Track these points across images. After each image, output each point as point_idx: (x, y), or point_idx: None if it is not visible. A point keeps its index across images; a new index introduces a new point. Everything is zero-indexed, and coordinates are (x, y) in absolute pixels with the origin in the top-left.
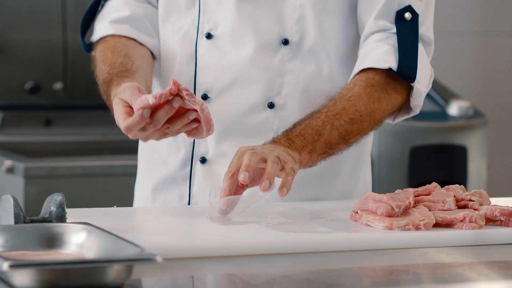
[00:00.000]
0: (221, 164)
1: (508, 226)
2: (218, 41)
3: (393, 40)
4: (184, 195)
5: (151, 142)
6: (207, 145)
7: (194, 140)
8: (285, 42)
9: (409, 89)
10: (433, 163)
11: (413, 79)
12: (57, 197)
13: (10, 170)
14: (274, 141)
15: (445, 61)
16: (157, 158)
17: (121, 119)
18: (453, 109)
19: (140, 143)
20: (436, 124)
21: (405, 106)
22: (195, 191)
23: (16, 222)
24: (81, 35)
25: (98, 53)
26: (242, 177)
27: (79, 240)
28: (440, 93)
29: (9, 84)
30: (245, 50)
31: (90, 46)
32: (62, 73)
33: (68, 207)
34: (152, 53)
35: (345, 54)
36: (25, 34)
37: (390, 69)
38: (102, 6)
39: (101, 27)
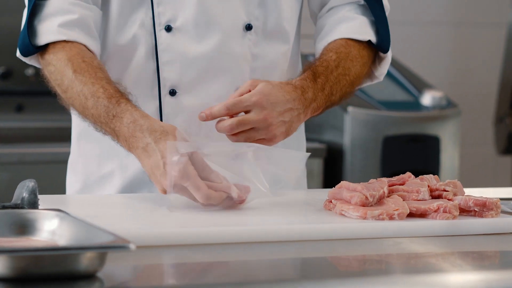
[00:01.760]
0: None
1: (482, 217)
2: (180, 33)
3: (363, 11)
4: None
5: (97, 143)
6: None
7: None
8: (249, 27)
9: (374, 57)
10: (406, 153)
11: (387, 50)
12: (29, 183)
13: None
14: (303, 88)
15: (419, 51)
16: (108, 161)
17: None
18: (427, 99)
19: (75, 144)
20: (409, 114)
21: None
22: None
23: None
24: (28, 37)
25: (62, 61)
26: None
27: (51, 227)
28: (414, 83)
29: None
30: (211, 41)
31: (32, 48)
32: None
33: (40, 193)
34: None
35: (296, 33)
36: None
37: (365, 42)
38: (39, 5)
39: (49, 31)
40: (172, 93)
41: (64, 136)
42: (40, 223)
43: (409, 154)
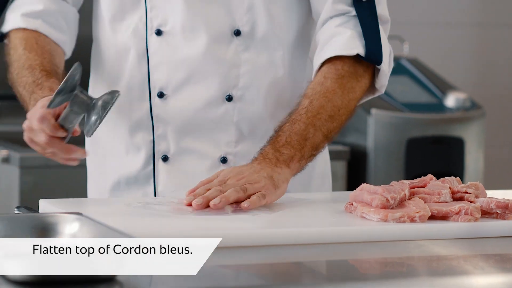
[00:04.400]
0: (183, 161)
1: (504, 219)
2: (168, 37)
3: (354, 23)
4: (148, 194)
5: (103, 143)
6: (167, 142)
7: (153, 138)
8: (237, 33)
9: (373, 70)
10: (430, 155)
11: (379, 61)
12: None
13: (6, 160)
14: (262, 155)
15: (442, 53)
16: (112, 159)
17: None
18: (450, 100)
19: (88, 143)
20: (433, 115)
21: (370, 86)
22: (160, 190)
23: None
24: None
25: (17, 39)
26: (195, 202)
27: (72, 230)
28: (437, 84)
29: (5, 73)
30: (198, 45)
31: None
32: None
33: (63, 197)
34: (63, 50)
35: (296, 40)
36: None
37: (357, 55)
38: None
39: (13, 19)
40: (161, 95)
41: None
42: (61, 226)
43: (433, 156)
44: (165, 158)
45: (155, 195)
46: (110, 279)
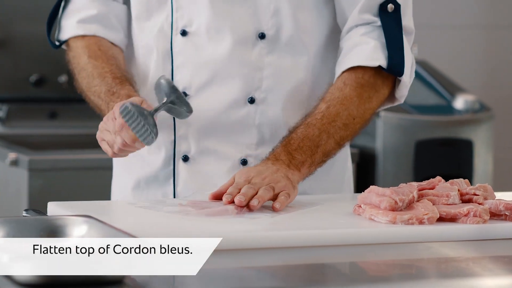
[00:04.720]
0: (204, 162)
1: None
2: (193, 37)
3: (378, 33)
4: (168, 194)
5: None
6: (188, 143)
7: (174, 138)
8: (262, 36)
9: (394, 80)
10: (439, 157)
11: (401, 73)
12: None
13: (15, 163)
14: (274, 156)
15: (451, 55)
16: (135, 157)
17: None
18: (459, 103)
19: None
20: (441, 118)
21: (389, 95)
22: (179, 190)
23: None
24: (48, 32)
25: (80, 48)
26: (237, 199)
27: (80, 233)
28: (446, 86)
29: (14, 76)
30: (222, 46)
31: (53, 45)
32: (67, 66)
33: (71, 199)
34: (121, 49)
35: (322, 46)
36: (30, 27)
37: (379, 66)
38: (66, 1)
39: (69, 26)
40: (184, 95)
41: (96, 142)
42: (69, 229)
43: (442, 158)
44: (185, 158)
45: (174, 196)
46: (118, 281)
